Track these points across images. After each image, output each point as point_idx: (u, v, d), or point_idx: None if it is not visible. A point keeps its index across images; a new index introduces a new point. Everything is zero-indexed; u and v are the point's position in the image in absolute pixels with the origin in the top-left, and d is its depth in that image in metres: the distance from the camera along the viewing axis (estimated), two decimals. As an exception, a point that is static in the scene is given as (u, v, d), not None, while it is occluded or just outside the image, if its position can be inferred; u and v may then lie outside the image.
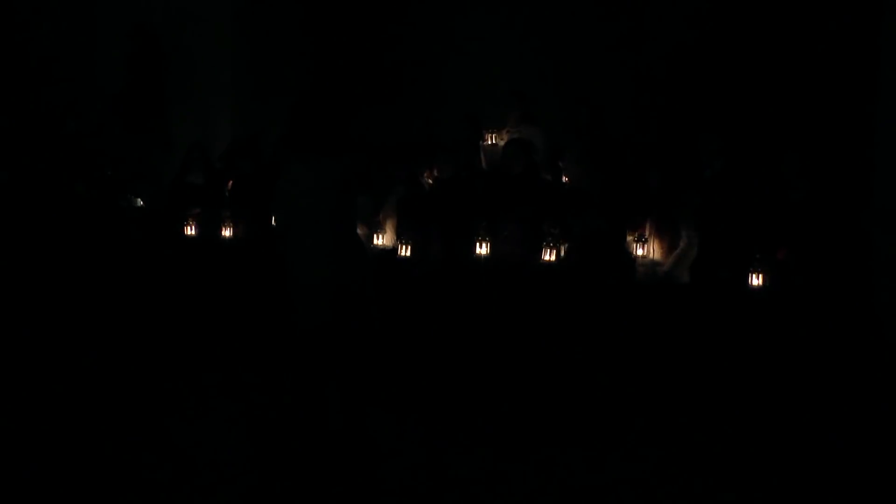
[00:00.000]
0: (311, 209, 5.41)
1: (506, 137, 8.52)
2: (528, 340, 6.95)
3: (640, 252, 7.12)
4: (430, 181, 8.14)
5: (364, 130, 5.71)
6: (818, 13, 8.99)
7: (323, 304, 5.43)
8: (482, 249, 7.27)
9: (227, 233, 8.19)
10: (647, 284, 6.97)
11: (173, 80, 10.30)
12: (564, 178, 8.04)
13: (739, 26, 9.44)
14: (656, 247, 7.12)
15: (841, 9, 8.85)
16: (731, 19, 9.48)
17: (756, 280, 6.53)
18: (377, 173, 8.14)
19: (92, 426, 6.24)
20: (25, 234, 8.80)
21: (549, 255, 7.08)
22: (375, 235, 7.89)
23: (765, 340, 6.47)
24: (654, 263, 7.09)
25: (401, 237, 7.62)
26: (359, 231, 7.87)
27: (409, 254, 7.50)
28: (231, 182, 8.73)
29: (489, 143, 8.78)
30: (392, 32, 10.76)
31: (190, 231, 8.37)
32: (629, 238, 7.19)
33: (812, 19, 9.05)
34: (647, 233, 7.16)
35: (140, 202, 9.18)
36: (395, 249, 7.72)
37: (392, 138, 8.94)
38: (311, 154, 5.46)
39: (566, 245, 7.17)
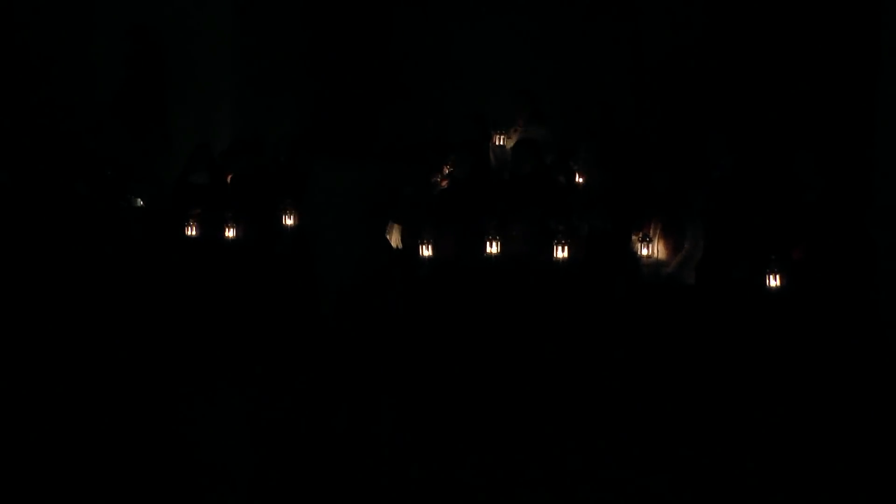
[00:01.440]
0: (340, 210, 5.46)
1: (514, 137, 8.53)
2: (534, 340, 6.95)
3: (644, 252, 7.12)
4: (441, 181, 8.13)
5: (378, 132, 5.75)
6: (819, 12, 9.01)
7: (349, 302, 5.47)
8: (493, 248, 7.27)
9: (229, 233, 8.18)
10: (651, 285, 6.97)
11: (173, 80, 10.30)
12: (579, 179, 8.04)
13: (743, 26, 9.45)
14: (661, 247, 7.11)
15: (841, 8, 8.87)
16: (735, 19, 9.50)
17: (773, 281, 6.53)
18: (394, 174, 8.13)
19: (93, 427, 6.23)
20: (26, 234, 8.79)
21: (560, 253, 7.09)
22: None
23: (778, 341, 6.47)
24: (658, 264, 7.09)
25: (413, 237, 7.60)
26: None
27: (426, 253, 7.49)
28: (230, 179, 8.73)
29: (497, 143, 8.79)
30: (396, 32, 10.77)
31: (191, 231, 8.36)
32: (634, 238, 7.18)
33: (813, 19, 9.07)
34: (651, 233, 7.15)
35: (140, 202, 9.17)
36: (403, 249, 7.71)
37: (402, 139, 8.94)
38: (342, 156, 5.52)
39: (573, 242, 7.18)
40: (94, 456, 5.78)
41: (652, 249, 7.11)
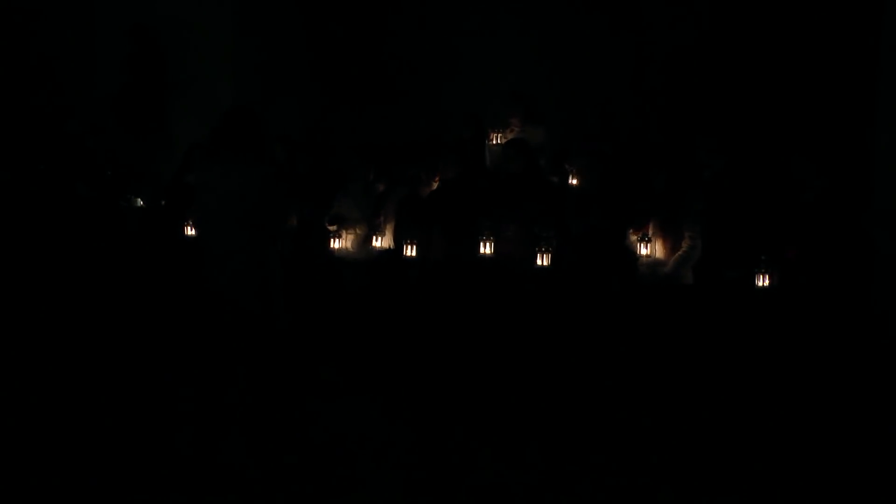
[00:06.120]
0: (224, 210, 5.49)
1: (510, 138, 8.52)
2: (528, 341, 6.95)
3: (644, 251, 7.12)
4: (436, 182, 8.13)
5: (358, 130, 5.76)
6: (818, 13, 9.01)
7: (234, 302, 5.51)
8: (486, 249, 7.26)
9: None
10: (649, 284, 6.97)
11: (173, 80, 10.30)
12: (573, 180, 8.03)
13: (740, 26, 9.46)
14: (659, 247, 7.13)
15: (841, 9, 8.87)
16: (732, 20, 9.50)
17: (762, 281, 6.53)
18: (377, 174, 8.16)
19: (91, 426, 6.23)
20: (26, 233, 8.80)
21: (542, 260, 7.07)
22: (375, 237, 7.90)
23: (770, 340, 6.47)
24: (656, 263, 7.10)
25: (402, 238, 7.62)
26: (358, 231, 7.95)
27: (406, 255, 7.50)
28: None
29: (494, 143, 8.79)
30: (395, 32, 10.78)
31: (189, 231, 8.36)
32: (633, 237, 7.19)
33: (812, 19, 9.06)
34: (650, 232, 7.16)
35: (140, 202, 9.18)
36: (392, 250, 7.72)
37: (396, 138, 8.95)
38: (228, 157, 5.53)
39: (560, 247, 7.17)
40: (92, 454, 5.79)
41: (650, 249, 7.12)
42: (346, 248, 8.00)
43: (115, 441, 5.99)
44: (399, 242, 7.62)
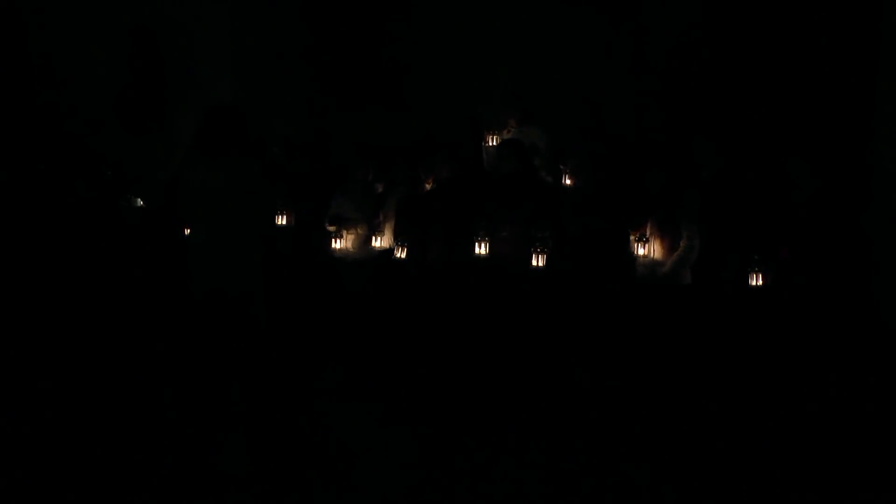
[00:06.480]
0: (208, 209, 5.51)
1: (506, 138, 8.54)
2: (526, 341, 6.96)
3: (641, 252, 7.13)
4: (429, 184, 8.14)
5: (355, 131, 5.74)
6: (818, 13, 9.02)
7: (215, 302, 5.53)
8: (482, 249, 7.27)
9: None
10: (648, 284, 6.98)
11: (173, 80, 10.31)
12: (568, 181, 8.04)
13: (740, 26, 9.46)
14: (657, 247, 7.14)
15: (841, 8, 8.87)
16: (731, 20, 9.51)
17: (755, 280, 6.54)
18: (376, 174, 8.16)
19: (91, 426, 6.24)
20: (25, 233, 8.80)
21: (538, 261, 7.08)
22: (374, 237, 7.91)
23: (767, 340, 6.48)
24: (654, 263, 7.10)
25: (398, 238, 7.63)
26: (358, 231, 7.95)
27: (404, 255, 7.50)
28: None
29: (491, 143, 8.79)
30: (394, 33, 10.78)
31: (188, 231, 8.35)
32: (631, 238, 7.19)
33: (812, 19, 9.07)
34: (648, 233, 7.17)
35: (140, 202, 9.18)
36: (392, 250, 7.73)
37: (393, 139, 8.95)
38: (211, 156, 5.54)
39: (556, 247, 7.18)
40: (92, 455, 5.79)
41: (648, 249, 7.12)
42: (346, 249, 8.01)
43: (114, 441, 5.99)
44: (397, 243, 7.63)
